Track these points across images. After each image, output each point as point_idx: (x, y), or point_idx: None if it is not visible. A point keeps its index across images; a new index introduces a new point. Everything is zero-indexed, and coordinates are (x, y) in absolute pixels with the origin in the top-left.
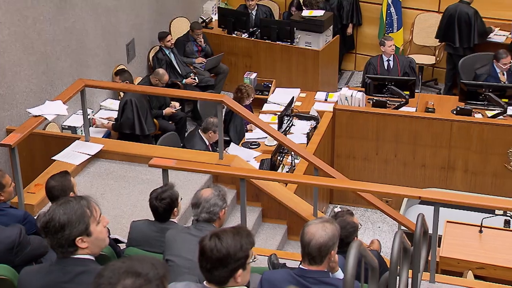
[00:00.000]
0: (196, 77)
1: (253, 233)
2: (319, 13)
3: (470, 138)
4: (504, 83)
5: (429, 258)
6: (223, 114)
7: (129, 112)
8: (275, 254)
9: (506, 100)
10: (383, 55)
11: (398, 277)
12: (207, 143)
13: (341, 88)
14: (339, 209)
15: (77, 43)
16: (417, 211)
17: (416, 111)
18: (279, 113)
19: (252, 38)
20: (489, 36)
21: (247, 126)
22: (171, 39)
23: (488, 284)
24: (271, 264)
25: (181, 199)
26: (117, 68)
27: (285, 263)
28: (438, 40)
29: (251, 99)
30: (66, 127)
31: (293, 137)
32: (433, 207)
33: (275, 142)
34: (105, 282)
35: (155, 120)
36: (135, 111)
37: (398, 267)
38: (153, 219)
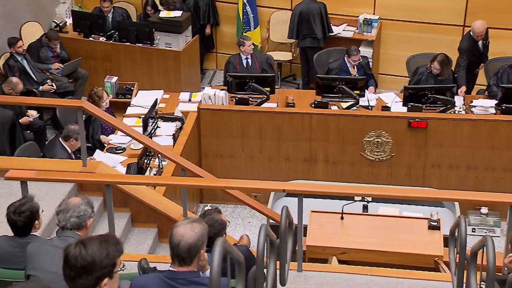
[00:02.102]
0: (53, 84)
1: (123, 239)
2: (177, 13)
3: (328, 130)
4: (355, 76)
5: (296, 248)
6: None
7: None
8: (145, 259)
9: (358, 92)
10: (241, 54)
11: (266, 270)
12: (69, 151)
13: (204, 88)
14: (209, 208)
15: None
16: (284, 203)
17: (277, 106)
18: (143, 116)
19: (111, 41)
20: (338, 32)
21: (110, 130)
22: (23, 44)
23: (350, 267)
24: (141, 269)
25: (43, 211)
26: None
27: (155, 267)
28: (292, 39)
29: (106, 101)
30: None
31: (159, 139)
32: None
33: (141, 146)
34: None
35: None
36: None
37: (266, 260)
38: (12, 234)
